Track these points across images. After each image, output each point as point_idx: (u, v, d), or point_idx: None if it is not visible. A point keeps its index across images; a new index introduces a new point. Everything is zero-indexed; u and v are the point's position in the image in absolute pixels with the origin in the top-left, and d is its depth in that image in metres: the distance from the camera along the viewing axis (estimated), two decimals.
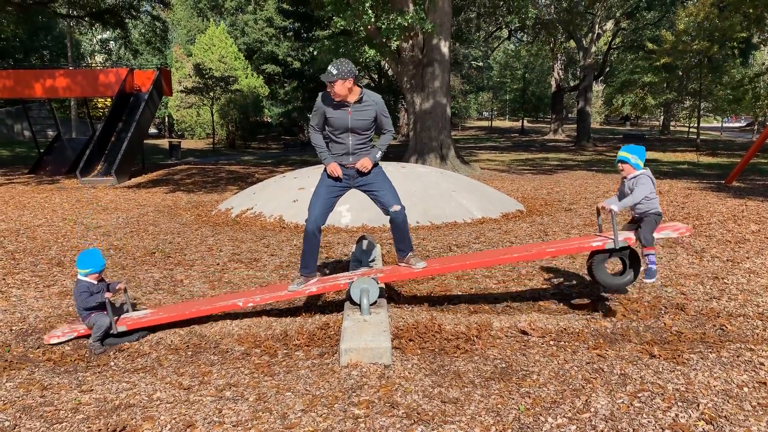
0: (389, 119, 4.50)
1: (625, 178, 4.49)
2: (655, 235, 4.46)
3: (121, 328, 4.30)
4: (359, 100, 4.32)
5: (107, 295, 4.31)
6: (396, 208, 4.47)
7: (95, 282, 4.36)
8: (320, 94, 4.43)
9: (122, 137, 18.10)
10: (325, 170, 4.55)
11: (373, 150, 4.51)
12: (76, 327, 4.44)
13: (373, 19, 16.89)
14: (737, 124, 62.00)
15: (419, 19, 16.55)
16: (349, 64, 4.20)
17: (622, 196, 4.51)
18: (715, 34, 27.40)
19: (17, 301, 5.32)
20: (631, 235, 4.45)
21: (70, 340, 4.32)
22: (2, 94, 19.86)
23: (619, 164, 4.50)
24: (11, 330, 4.57)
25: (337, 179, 4.49)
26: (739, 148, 30.38)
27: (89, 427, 3.02)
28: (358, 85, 4.33)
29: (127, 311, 4.57)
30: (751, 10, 23.49)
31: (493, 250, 5.11)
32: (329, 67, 4.19)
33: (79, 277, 4.34)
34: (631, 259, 4.54)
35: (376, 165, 4.54)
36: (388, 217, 4.53)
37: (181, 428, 2.99)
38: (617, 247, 4.39)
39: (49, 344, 4.25)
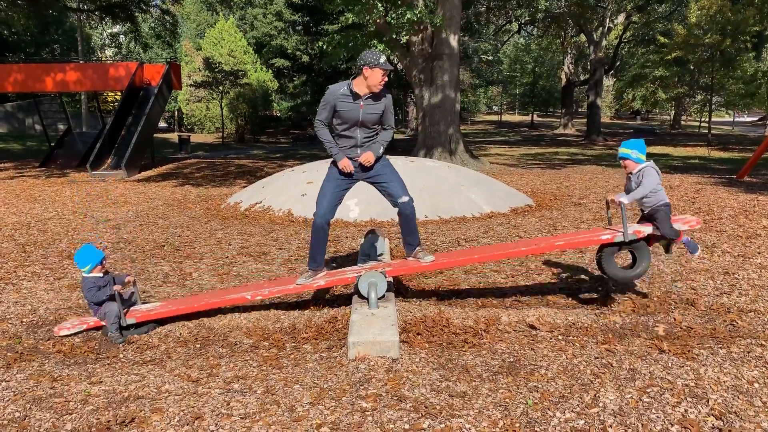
0: (393, 115, 4.53)
1: (630, 173, 4.45)
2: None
3: (131, 321, 4.33)
4: (377, 94, 4.32)
5: (116, 287, 4.33)
6: (404, 199, 4.45)
7: (101, 275, 4.38)
8: (331, 87, 4.39)
9: (132, 131, 18.17)
10: (332, 164, 4.53)
11: (375, 145, 4.48)
12: (86, 319, 4.47)
13: (383, 13, 16.84)
14: (742, 119, 61.01)
15: (428, 13, 16.49)
16: None
17: (629, 192, 4.47)
18: (727, 27, 27.12)
19: (28, 293, 5.36)
20: (641, 227, 4.40)
21: (80, 332, 4.36)
22: (14, 88, 19.97)
23: (621, 161, 4.45)
24: (22, 322, 4.61)
25: (348, 174, 4.48)
26: (751, 143, 30.12)
27: (98, 419, 3.04)
28: None
29: (136, 302, 4.59)
30: (765, 4, 23.22)
31: (501, 244, 5.12)
32: (381, 55, 4.20)
33: (84, 275, 4.36)
34: (641, 253, 4.49)
35: (380, 158, 4.52)
36: (396, 209, 4.50)
37: (189, 420, 3.00)
38: (627, 240, 4.35)
39: (59, 335, 4.28)
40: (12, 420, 3.04)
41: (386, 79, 4.25)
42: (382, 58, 4.19)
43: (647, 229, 4.41)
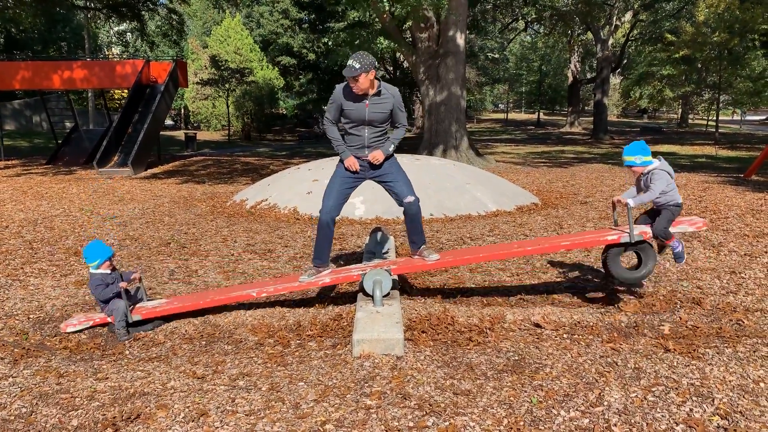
0: (404, 113, 4.52)
1: (639, 176, 4.41)
2: (672, 229, 4.39)
3: (136, 317, 4.34)
4: (378, 93, 4.33)
5: (122, 284, 4.34)
6: (410, 199, 4.48)
7: (108, 272, 4.39)
8: (337, 86, 4.41)
9: (138, 128, 18.21)
10: (340, 162, 4.55)
11: (386, 143, 4.50)
12: (91, 316, 4.49)
13: (387, 8, 16.78)
14: (749, 118, 60.34)
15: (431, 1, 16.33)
16: (369, 57, 4.19)
17: (639, 189, 4.45)
18: (735, 26, 26.93)
19: (35, 289, 5.39)
20: (647, 228, 4.38)
21: (87, 328, 4.38)
22: (21, 86, 20.06)
23: (628, 168, 4.43)
24: (29, 318, 4.64)
25: (354, 172, 4.50)
26: (758, 142, 29.95)
27: (104, 415, 3.05)
28: (377, 78, 4.32)
29: (142, 299, 4.61)
30: None
31: (506, 244, 5.12)
32: (350, 62, 4.17)
33: (91, 270, 4.37)
34: (647, 254, 4.49)
35: (390, 157, 4.53)
36: (402, 208, 4.53)
37: (194, 416, 3.01)
38: (632, 242, 4.34)
39: (66, 332, 4.30)
40: (19, 416, 3.06)
41: (356, 83, 4.17)
42: (355, 64, 4.13)
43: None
